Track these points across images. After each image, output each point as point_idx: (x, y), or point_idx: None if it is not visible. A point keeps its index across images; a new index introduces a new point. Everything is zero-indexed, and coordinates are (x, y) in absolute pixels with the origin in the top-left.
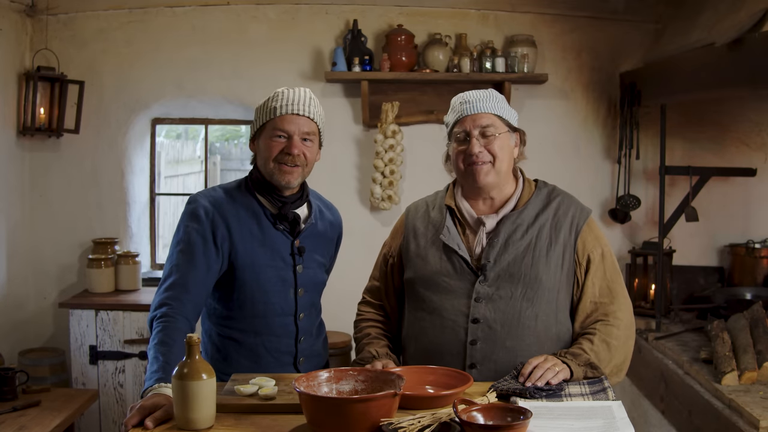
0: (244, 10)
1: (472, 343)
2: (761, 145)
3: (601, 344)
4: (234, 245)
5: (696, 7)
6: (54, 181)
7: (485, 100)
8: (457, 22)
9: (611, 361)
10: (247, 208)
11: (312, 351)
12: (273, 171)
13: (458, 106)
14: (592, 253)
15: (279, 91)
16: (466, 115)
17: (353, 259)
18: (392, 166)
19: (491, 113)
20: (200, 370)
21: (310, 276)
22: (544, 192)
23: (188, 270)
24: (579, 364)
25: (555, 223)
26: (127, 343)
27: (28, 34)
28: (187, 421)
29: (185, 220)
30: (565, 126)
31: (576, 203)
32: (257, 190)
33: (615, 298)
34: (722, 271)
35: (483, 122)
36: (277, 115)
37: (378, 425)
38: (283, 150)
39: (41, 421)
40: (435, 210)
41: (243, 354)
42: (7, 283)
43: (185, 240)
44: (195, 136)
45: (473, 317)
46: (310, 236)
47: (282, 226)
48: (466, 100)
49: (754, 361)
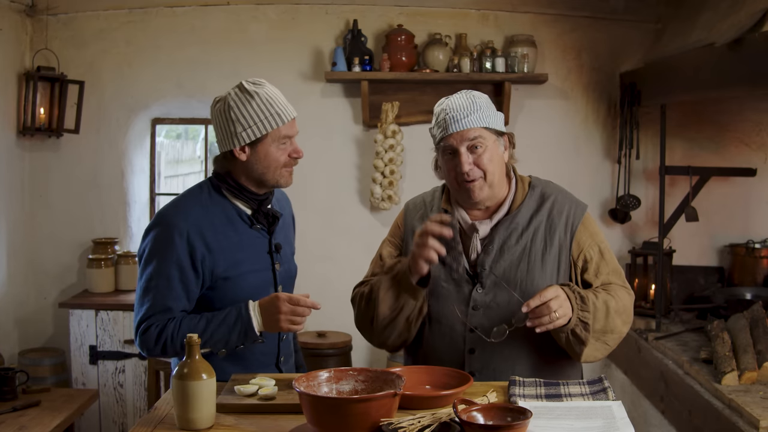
0: (244, 10)
1: (471, 352)
2: (761, 145)
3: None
4: (215, 262)
5: (696, 7)
6: (54, 181)
7: (469, 112)
8: (457, 22)
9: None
10: (221, 214)
11: (289, 350)
12: (280, 176)
13: (442, 121)
14: (589, 253)
15: (267, 95)
16: (452, 132)
17: (353, 259)
18: (392, 166)
19: (478, 126)
20: (200, 370)
21: (286, 270)
22: (537, 191)
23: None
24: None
25: (549, 224)
26: (127, 343)
27: (28, 34)
28: (187, 421)
29: (156, 246)
30: (565, 126)
31: (570, 200)
32: (227, 191)
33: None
34: (722, 271)
35: (470, 136)
36: (283, 123)
37: (378, 425)
38: (289, 155)
39: (41, 421)
40: (432, 212)
41: (226, 358)
42: (7, 283)
43: (160, 274)
44: (195, 136)
45: (471, 325)
46: (279, 230)
47: (259, 225)
48: (450, 116)
49: (754, 361)
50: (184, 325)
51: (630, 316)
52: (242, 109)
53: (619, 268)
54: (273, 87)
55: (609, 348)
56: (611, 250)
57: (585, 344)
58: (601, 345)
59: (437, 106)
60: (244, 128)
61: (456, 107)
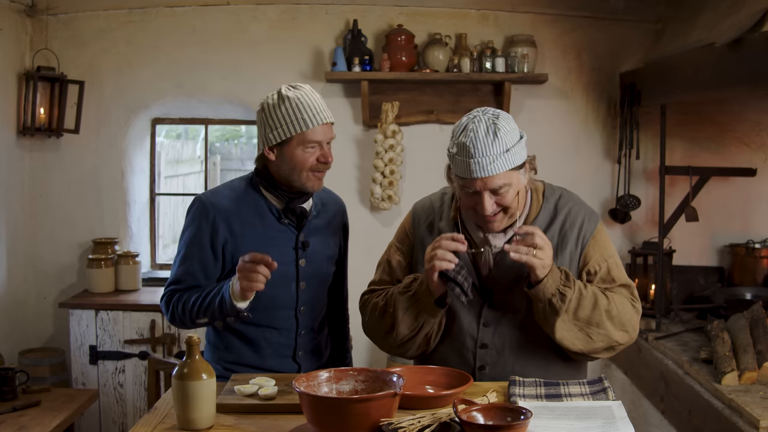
0: (244, 10)
1: (481, 369)
2: (761, 145)
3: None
4: (237, 247)
5: (696, 7)
6: (54, 181)
7: (496, 155)
8: (457, 22)
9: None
10: (251, 205)
11: (312, 346)
12: (306, 180)
13: (464, 162)
14: (594, 267)
15: (294, 98)
16: (476, 177)
17: (353, 259)
18: (392, 166)
19: (504, 171)
20: (200, 370)
21: (314, 269)
22: (551, 203)
23: (186, 277)
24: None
25: (562, 238)
26: (127, 343)
27: (28, 34)
28: (187, 421)
29: (187, 224)
30: (565, 126)
31: (584, 212)
32: (265, 188)
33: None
34: (722, 271)
35: (495, 184)
36: (309, 128)
37: (378, 425)
38: (317, 160)
39: (41, 421)
40: (443, 222)
41: (245, 344)
42: (7, 283)
43: (183, 250)
44: (195, 136)
45: (481, 342)
46: (314, 230)
47: (287, 220)
48: (472, 153)
49: (754, 361)
50: (186, 296)
51: (627, 326)
52: (273, 112)
53: (629, 283)
54: (311, 92)
55: (592, 342)
56: (620, 265)
57: (558, 315)
58: (582, 335)
59: (459, 133)
60: (272, 130)
61: (481, 149)
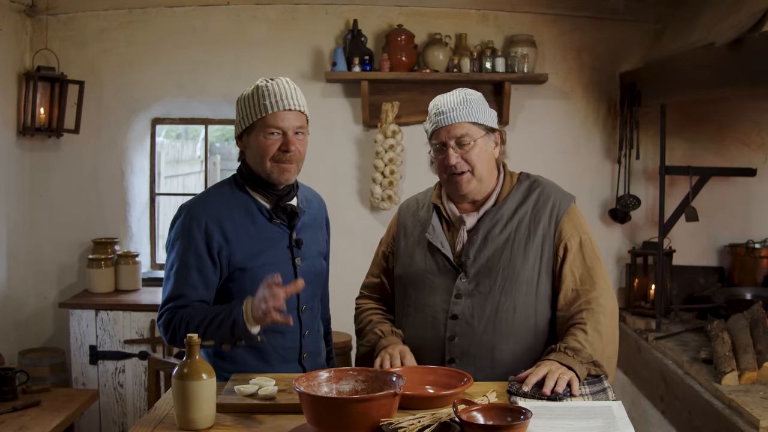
0: (244, 10)
1: (451, 339)
2: (761, 145)
3: (594, 334)
4: (233, 252)
5: (696, 7)
6: (54, 181)
7: (459, 108)
8: (457, 22)
9: (604, 350)
10: (241, 207)
11: (315, 347)
12: (271, 170)
13: (433, 117)
14: (569, 242)
15: (263, 86)
16: (441, 126)
17: (353, 259)
18: (392, 166)
19: (465, 121)
20: (200, 370)
21: (310, 267)
22: (525, 184)
23: (186, 290)
24: (582, 362)
25: (534, 215)
26: (127, 343)
27: (28, 34)
28: (187, 421)
29: (176, 235)
30: (565, 126)
31: (557, 192)
32: (249, 186)
33: (596, 284)
34: (722, 271)
35: (457, 132)
36: (269, 113)
37: (378, 425)
38: (279, 148)
39: (41, 421)
40: (423, 209)
41: (250, 353)
42: (7, 283)
43: (178, 262)
44: (195, 136)
45: (452, 313)
46: (304, 227)
47: (279, 220)
48: (440, 110)
49: (754, 361)
50: (188, 316)
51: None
52: (243, 101)
53: (596, 267)
54: (286, 82)
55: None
56: (594, 243)
57: (607, 375)
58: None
59: (431, 105)
60: (240, 118)
61: (446, 103)
